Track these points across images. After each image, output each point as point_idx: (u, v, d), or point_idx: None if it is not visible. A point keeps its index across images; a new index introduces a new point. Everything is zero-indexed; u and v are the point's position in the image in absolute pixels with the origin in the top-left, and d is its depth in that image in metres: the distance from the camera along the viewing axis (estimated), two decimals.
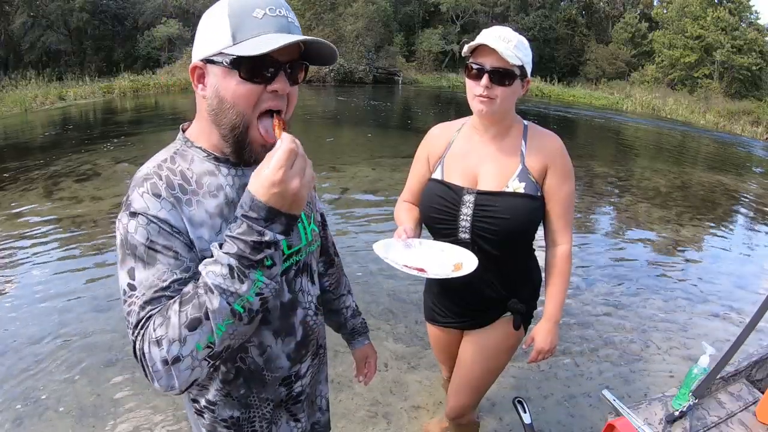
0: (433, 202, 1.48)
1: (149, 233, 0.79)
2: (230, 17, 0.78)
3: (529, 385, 2.56)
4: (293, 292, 0.99)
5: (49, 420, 2.23)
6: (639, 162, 9.19)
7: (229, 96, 0.81)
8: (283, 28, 0.80)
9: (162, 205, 0.80)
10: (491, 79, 1.32)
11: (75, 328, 2.94)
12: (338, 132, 10.39)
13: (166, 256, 0.79)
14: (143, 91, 16.08)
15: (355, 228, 4.63)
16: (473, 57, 1.37)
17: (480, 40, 1.32)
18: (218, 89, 0.81)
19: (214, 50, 0.80)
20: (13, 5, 20.10)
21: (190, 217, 0.83)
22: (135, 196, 0.81)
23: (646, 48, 27.11)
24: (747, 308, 3.51)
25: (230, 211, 0.86)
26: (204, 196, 0.85)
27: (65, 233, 4.37)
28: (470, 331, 1.64)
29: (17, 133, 9.81)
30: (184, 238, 0.81)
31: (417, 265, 1.26)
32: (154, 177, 0.83)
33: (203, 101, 0.85)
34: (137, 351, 0.75)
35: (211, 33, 0.80)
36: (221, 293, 0.72)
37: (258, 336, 0.95)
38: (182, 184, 0.84)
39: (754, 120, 17.48)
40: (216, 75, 0.81)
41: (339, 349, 2.68)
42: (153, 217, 0.79)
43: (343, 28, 21.12)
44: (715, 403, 1.47)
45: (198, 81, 0.84)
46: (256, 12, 0.78)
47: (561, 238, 1.49)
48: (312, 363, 1.10)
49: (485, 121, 1.43)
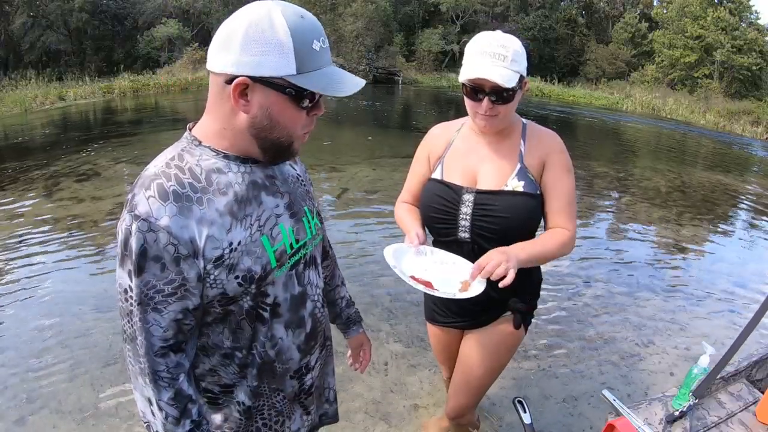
0: (432, 202, 1.48)
1: (145, 241, 0.79)
2: (294, 43, 0.78)
3: (529, 385, 2.56)
4: (303, 285, 1.01)
5: (50, 420, 2.23)
6: (639, 162, 9.19)
7: (284, 120, 0.85)
8: (328, 61, 0.85)
9: (167, 210, 0.80)
10: (492, 101, 1.32)
11: (75, 328, 2.93)
12: (338, 132, 10.39)
13: (155, 265, 0.80)
14: (143, 91, 16.07)
15: (356, 228, 4.63)
16: (470, 80, 1.33)
17: (477, 74, 1.29)
18: (271, 112, 0.83)
19: (273, 73, 0.79)
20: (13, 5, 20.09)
21: (201, 217, 0.83)
22: (140, 198, 0.81)
23: (646, 48, 27.12)
24: (747, 308, 3.52)
25: (239, 208, 0.87)
26: (214, 193, 0.86)
27: (65, 233, 4.36)
28: (470, 331, 1.64)
29: (17, 133, 9.81)
30: (183, 248, 0.81)
31: (425, 278, 1.25)
32: (161, 177, 0.83)
33: (239, 115, 0.84)
34: (128, 357, 0.86)
35: (268, 54, 0.78)
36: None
37: (270, 329, 0.96)
38: (192, 183, 0.84)
39: (754, 120, 17.49)
40: (268, 97, 0.82)
41: (338, 349, 2.67)
42: (153, 224, 0.79)
43: (342, 28, 21.12)
44: (715, 403, 1.47)
45: (240, 96, 0.82)
46: (314, 44, 0.81)
47: (564, 227, 1.45)
48: (320, 355, 1.12)
49: (489, 134, 1.44)
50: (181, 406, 0.88)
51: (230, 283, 0.87)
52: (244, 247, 0.87)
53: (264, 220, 0.91)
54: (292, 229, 0.96)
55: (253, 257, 0.88)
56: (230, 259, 0.86)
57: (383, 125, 11.90)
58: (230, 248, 0.86)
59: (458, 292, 1.24)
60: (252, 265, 0.88)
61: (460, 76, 1.35)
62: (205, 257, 0.83)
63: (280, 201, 0.95)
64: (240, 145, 0.88)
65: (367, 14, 21.12)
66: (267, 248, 0.90)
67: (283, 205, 0.96)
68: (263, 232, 0.90)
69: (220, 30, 0.82)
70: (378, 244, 4.16)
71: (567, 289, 3.66)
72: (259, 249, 0.89)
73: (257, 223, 0.90)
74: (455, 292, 1.23)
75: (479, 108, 1.35)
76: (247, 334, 0.95)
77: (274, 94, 0.81)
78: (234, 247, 0.86)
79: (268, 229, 0.91)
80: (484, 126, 1.38)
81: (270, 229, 0.92)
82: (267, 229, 0.91)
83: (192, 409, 0.90)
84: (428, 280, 1.25)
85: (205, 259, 0.83)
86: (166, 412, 0.87)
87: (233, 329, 0.94)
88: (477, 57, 1.31)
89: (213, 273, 0.85)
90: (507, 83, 1.28)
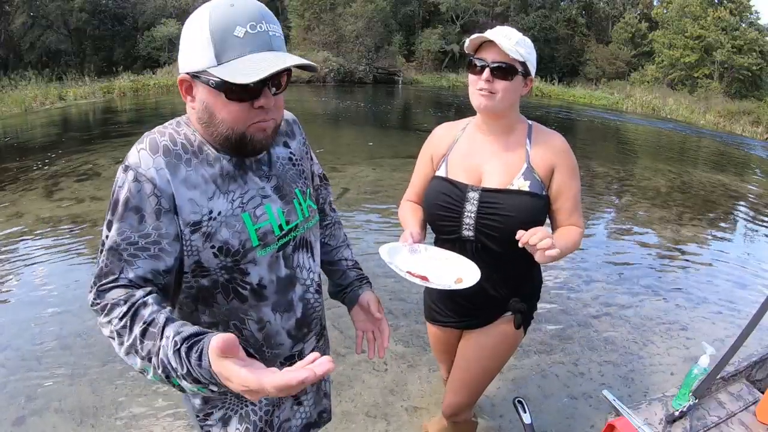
0: (437, 200, 1.48)
1: (129, 191, 0.81)
2: (212, 33, 0.77)
3: (529, 385, 2.56)
4: (291, 268, 1.00)
5: (50, 420, 2.23)
6: (639, 162, 9.19)
7: (222, 114, 0.83)
8: (264, 45, 0.79)
9: (155, 162, 0.83)
10: (492, 73, 1.33)
11: (76, 328, 2.94)
12: (338, 132, 10.39)
13: (134, 216, 0.81)
14: (143, 91, 16.08)
15: (356, 228, 4.63)
16: (476, 53, 1.38)
17: (481, 36, 1.33)
18: (207, 105, 0.83)
19: (198, 67, 0.80)
20: (13, 5, 20.10)
21: (186, 177, 0.85)
22: (133, 151, 0.85)
23: (646, 48, 27.10)
24: (747, 308, 3.51)
25: (224, 182, 0.89)
26: (202, 162, 0.88)
27: (65, 233, 4.36)
28: (470, 331, 1.64)
29: (17, 133, 9.81)
30: (165, 201, 0.82)
31: (420, 272, 1.26)
32: (155, 134, 0.87)
33: (193, 111, 0.87)
34: (93, 306, 0.83)
35: (194, 47, 0.80)
36: (163, 367, 0.72)
37: (256, 311, 0.96)
38: (184, 144, 0.87)
39: (754, 120, 17.46)
40: (203, 92, 0.83)
41: (339, 351, 2.68)
42: (140, 174, 0.81)
43: (342, 28, 21.13)
44: (715, 403, 1.47)
45: (186, 92, 0.85)
46: (237, 30, 0.77)
47: (577, 225, 1.48)
48: (317, 345, 1.11)
49: (486, 116, 1.43)
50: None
51: (205, 251, 0.87)
52: (224, 218, 0.88)
53: (248, 198, 0.92)
54: (282, 210, 0.96)
55: (232, 230, 0.89)
56: (208, 227, 0.86)
57: (383, 125, 11.89)
58: (209, 216, 0.86)
59: (453, 284, 1.25)
60: (230, 237, 0.88)
61: (466, 46, 1.38)
62: (183, 219, 0.84)
63: (267, 184, 0.95)
64: (209, 139, 0.90)
65: (367, 14, 21.12)
66: (248, 225, 0.90)
67: (270, 188, 0.96)
68: (245, 209, 0.91)
69: None
70: (378, 245, 4.15)
71: (567, 289, 3.66)
72: (239, 224, 0.89)
73: (240, 199, 0.90)
74: (450, 284, 1.25)
75: (479, 81, 1.35)
76: (224, 309, 0.94)
77: (204, 88, 0.82)
78: (213, 216, 0.87)
79: (251, 208, 0.92)
80: (481, 104, 1.38)
81: (254, 208, 0.92)
82: (250, 207, 0.92)
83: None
84: (424, 274, 1.26)
85: (182, 221, 0.84)
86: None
87: (209, 303, 0.94)
88: (486, 32, 1.35)
89: (189, 238, 0.85)
90: (509, 51, 1.29)
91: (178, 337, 0.71)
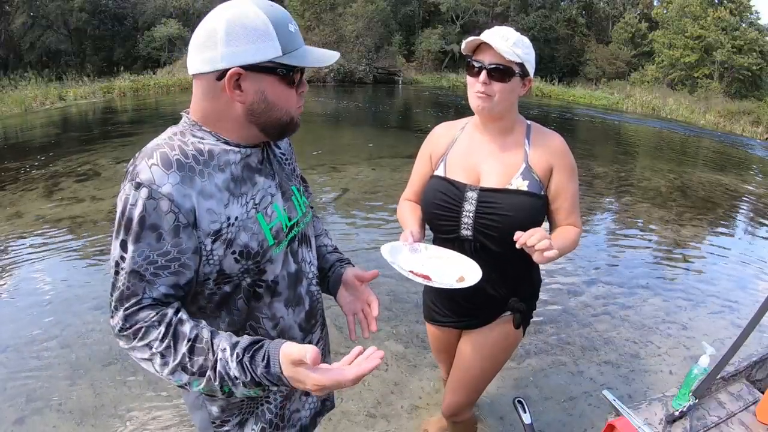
0: (435, 199, 1.48)
1: (145, 209, 0.80)
2: (276, 28, 0.84)
3: (529, 385, 2.56)
4: (297, 263, 1.02)
5: (50, 420, 2.23)
6: (639, 162, 9.19)
7: (279, 100, 0.88)
8: (302, 40, 0.91)
9: (170, 177, 0.82)
10: (489, 75, 1.33)
11: (76, 328, 2.94)
12: (338, 132, 10.39)
13: (151, 234, 0.81)
14: (143, 91, 16.08)
15: (356, 228, 4.63)
16: (473, 55, 1.38)
17: (478, 38, 1.33)
18: (267, 95, 0.87)
19: (263, 58, 0.83)
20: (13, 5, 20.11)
21: (202, 189, 0.85)
22: (143, 166, 0.82)
23: (646, 48, 27.09)
24: (747, 308, 3.52)
25: (236, 186, 0.90)
26: (214, 169, 0.88)
27: (65, 233, 4.37)
28: (469, 331, 1.64)
29: (17, 133, 9.81)
30: (183, 216, 0.82)
31: (422, 272, 1.27)
32: (165, 147, 0.85)
33: (235, 106, 0.87)
34: (121, 332, 0.83)
35: (256, 41, 0.83)
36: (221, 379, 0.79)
37: (270, 308, 0.98)
38: (195, 155, 0.87)
39: (754, 120, 17.45)
40: (261, 81, 0.85)
41: (339, 350, 2.68)
42: (155, 191, 0.80)
43: (343, 28, 21.12)
44: (715, 403, 1.47)
45: (234, 87, 0.85)
46: (290, 27, 0.87)
47: (575, 225, 1.49)
48: (321, 335, 1.14)
49: (483, 118, 1.43)
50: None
51: (227, 258, 0.88)
52: (241, 223, 0.89)
53: (259, 198, 0.93)
54: (284, 208, 0.99)
55: (250, 233, 0.90)
56: (228, 234, 0.87)
57: (383, 125, 11.90)
58: (228, 222, 0.87)
59: (455, 282, 1.26)
60: (249, 241, 0.90)
61: (462, 48, 1.38)
62: (203, 230, 0.84)
63: (272, 182, 0.98)
64: (240, 132, 0.91)
65: (368, 14, 21.12)
66: (263, 225, 0.92)
67: (274, 186, 0.98)
68: (258, 210, 0.92)
69: (197, 34, 0.85)
70: (378, 244, 4.15)
71: (567, 289, 3.66)
72: (255, 226, 0.91)
73: (252, 201, 0.92)
74: (452, 283, 1.25)
75: (477, 84, 1.36)
76: (244, 311, 0.96)
77: (267, 77, 0.85)
78: (231, 222, 0.88)
79: (262, 208, 0.93)
80: (478, 106, 1.38)
81: (264, 207, 0.94)
82: (262, 207, 0.93)
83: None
84: (426, 273, 1.26)
85: (203, 232, 0.84)
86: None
87: (230, 309, 0.95)
88: (484, 33, 1.35)
89: (211, 248, 0.86)
90: (505, 54, 1.29)
91: (238, 349, 0.79)
